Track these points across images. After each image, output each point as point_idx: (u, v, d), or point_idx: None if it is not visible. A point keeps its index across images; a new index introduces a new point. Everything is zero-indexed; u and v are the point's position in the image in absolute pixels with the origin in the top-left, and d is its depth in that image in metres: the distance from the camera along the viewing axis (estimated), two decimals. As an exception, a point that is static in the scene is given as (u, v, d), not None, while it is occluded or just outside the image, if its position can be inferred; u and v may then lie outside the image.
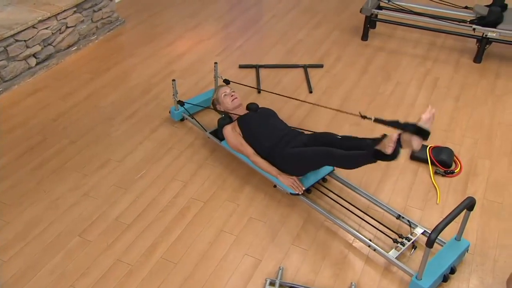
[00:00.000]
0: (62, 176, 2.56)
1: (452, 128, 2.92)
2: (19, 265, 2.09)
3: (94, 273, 2.05)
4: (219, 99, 2.69)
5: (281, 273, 2.06)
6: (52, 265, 2.09)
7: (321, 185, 2.45)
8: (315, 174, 2.45)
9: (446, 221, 1.88)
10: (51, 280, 2.03)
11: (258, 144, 2.44)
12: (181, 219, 2.32)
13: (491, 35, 3.40)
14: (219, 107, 2.71)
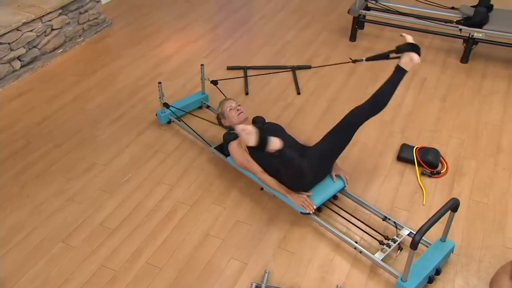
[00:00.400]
0: (46, 180, 2.52)
1: (439, 129, 2.92)
2: (1, 271, 2.05)
3: (77, 279, 2.02)
4: (224, 113, 2.57)
5: (267, 276, 2.04)
6: (35, 272, 2.05)
7: (332, 202, 2.40)
8: (326, 191, 2.34)
9: (430, 223, 1.88)
10: (33, 287, 1.99)
11: (265, 161, 2.33)
12: (167, 223, 2.30)
13: (477, 36, 3.41)
14: (224, 122, 2.59)
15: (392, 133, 2.89)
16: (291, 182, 2.26)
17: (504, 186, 2.51)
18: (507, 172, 2.60)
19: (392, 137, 2.85)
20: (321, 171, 2.33)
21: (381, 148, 2.77)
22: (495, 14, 3.50)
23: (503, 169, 2.61)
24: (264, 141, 1.91)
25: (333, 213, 2.32)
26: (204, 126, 2.92)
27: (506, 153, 2.73)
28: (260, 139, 1.90)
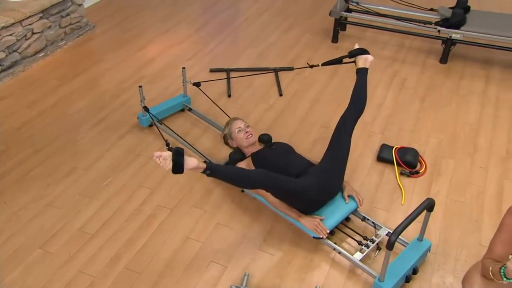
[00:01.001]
0: (25, 186, 2.47)
1: (418, 129, 2.93)
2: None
3: (54, 286, 1.98)
4: (232, 134, 2.45)
5: (247, 279, 2.02)
6: (10, 280, 2.00)
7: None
8: (338, 213, 2.22)
9: (405, 223, 1.87)
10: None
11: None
12: (147, 227, 2.26)
13: (455, 37, 3.43)
14: (232, 143, 2.49)
15: (372, 133, 2.89)
16: (296, 203, 2.17)
17: (481, 185, 2.52)
18: (484, 171, 2.61)
19: (372, 138, 2.85)
20: (328, 187, 2.21)
21: (362, 148, 2.77)
22: (472, 15, 3.53)
23: (480, 168, 2.63)
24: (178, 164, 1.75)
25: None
26: (186, 130, 2.89)
27: (482, 152, 2.75)
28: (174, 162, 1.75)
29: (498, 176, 2.58)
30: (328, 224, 2.18)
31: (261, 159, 2.32)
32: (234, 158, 2.45)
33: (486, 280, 1.60)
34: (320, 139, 2.82)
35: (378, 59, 3.72)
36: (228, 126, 2.48)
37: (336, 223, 2.22)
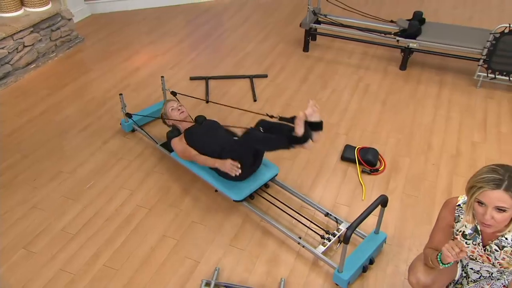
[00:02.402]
0: (12, 190, 2.38)
1: (379, 130, 2.90)
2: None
3: (36, 284, 1.91)
4: (167, 113, 2.56)
5: (217, 273, 1.97)
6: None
7: (263, 190, 2.36)
8: (258, 180, 2.31)
9: (360, 219, 1.84)
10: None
11: (200, 151, 2.31)
12: (125, 226, 2.19)
13: (412, 46, 3.41)
14: (168, 122, 2.58)
15: (338, 135, 2.86)
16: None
17: (433, 180, 2.50)
18: (436, 167, 2.60)
19: (337, 139, 2.81)
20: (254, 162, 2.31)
21: (327, 149, 2.73)
22: (427, 26, 3.51)
23: (432, 165, 2.61)
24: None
25: (279, 210, 2.26)
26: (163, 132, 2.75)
27: (435, 150, 2.73)
28: None
29: (448, 172, 2.56)
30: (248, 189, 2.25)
31: (191, 134, 2.38)
32: (171, 136, 2.48)
33: (427, 268, 1.58)
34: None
35: (345, 67, 3.70)
36: (164, 107, 2.55)
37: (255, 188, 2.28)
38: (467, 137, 2.85)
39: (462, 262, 1.65)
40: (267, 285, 1.93)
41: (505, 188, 1.28)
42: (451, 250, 1.36)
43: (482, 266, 1.57)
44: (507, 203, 1.29)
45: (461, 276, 1.66)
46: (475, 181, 1.35)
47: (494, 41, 3.08)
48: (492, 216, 1.32)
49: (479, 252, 1.51)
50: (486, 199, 1.32)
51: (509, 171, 1.31)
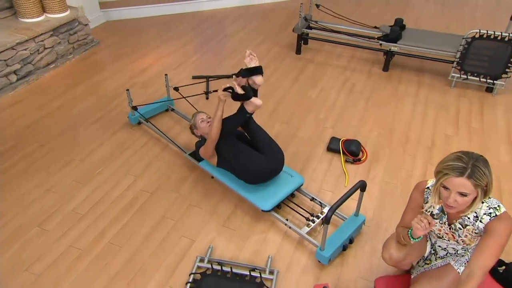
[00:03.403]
0: (29, 175, 2.36)
1: (362, 124, 2.86)
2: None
3: (47, 258, 1.89)
4: (196, 124, 2.36)
5: (210, 251, 1.95)
6: (9, 254, 1.91)
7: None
8: (284, 189, 2.13)
9: (340, 201, 1.80)
10: (6, 269, 1.84)
11: (226, 160, 2.17)
12: (129, 208, 2.17)
13: (394, 49, 3.35)
14: (196, 132, 2.38)
15: (325, 128, 2.81)
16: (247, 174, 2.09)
17: (409, 169, 2.46)
18: (412, 158, 2.55)
19: (324, 132, 2.77)
20: (274, 165, 2.14)
21: (315, 141, 2.69)
22: (407, 32, 3.46)
23: (409, 155, 2.56)
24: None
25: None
26: (168, 127, 2.79)
27: (412, 143, 2.68)
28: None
29: (424, 162, 2.52)
30: (275, 199, 2.09)
31: (218, 143, 2.22)
32: (199, 146, 2.36)
33: (399, 245, 1.56)
34: (281, 133, 2.74)
35: (333, 68, 3.64)
36: (193, 118, 2.40)
37: (283, 197, 2.12)
38: (441, 131, 2.80)
39: (431, 240, 1.62)
40: (256, 262, 1.91)
41: (468, 176, 1.26)
42: (420, 223, 1.34)
43: (449, 244, 1.54)
44: (468, 189, 1.27)
45: (430, 253, 1.63)
46: (442, 167, 1.31)
47: (466, 45, 3.03)
48: (455, 199, 1.30)
49: (445, 230, 1.48)
50: (450, 185, 1.29)
51: (473, 159, 1.28)
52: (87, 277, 1.82)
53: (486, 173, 1.27)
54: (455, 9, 4.73)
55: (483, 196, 1.31)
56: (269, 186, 2.16)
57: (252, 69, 2.05)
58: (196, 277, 1.82)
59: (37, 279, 1.81)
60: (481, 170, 1.26)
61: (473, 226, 1.41)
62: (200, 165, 2.32)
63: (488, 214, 1.37)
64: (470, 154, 1.30)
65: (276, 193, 2.13)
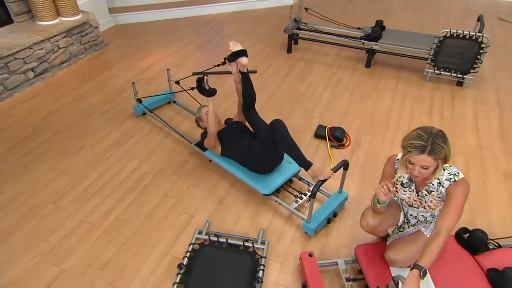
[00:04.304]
0: (45, 159, 2.38)
1: (347, 114, 2.87)
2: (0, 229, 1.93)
3: (62, 231, 1.91)
4: (201, 117, 2.33)
5: (208, 224, 1.97)
6: (27, 228, 1.93)
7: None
8: (283, 175, 2.12)
9: (324, 178, 1.84)
10: (24, 240, 1.87)
11: (232, 150, 2.18)
12: (134, 188, 2.19)
13: (375, 47, 3.36)
14: (202, 124, 2.36)
15: (313, 118, 2.82)
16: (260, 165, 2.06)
17: (388, 153, 2.47)
18: (391, 143, 2.57)
19: (312, 121, 2.78)
20: (276, 156, 2.13)
21: (304, 128, 2.70)
22: (386, 32, 3.47)
23: (389, 141, 2.58)
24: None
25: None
26: (170, 117, 2.79)
27: (391, 130, 2.70)
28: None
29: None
30: (276, 183, 2.09)
31: (224, 135, 2.26)
32: (205, 137, 2.35)
33: (375, 213, 1.58)
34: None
35: (321, 65, 3.64)
36: (198, 111, 2.38)
37: (281, 183, 2.12)
38: (417, 120, 2.81)
39: (404, 210, 1.64)
40: (249, 234, 1.93)
41: (428, 153, 1.30)
42: (381, 188, 1.39)
43: (419, 212, 1.56)
44: (429, 163, 1.32)
45: (403, 222, 1.65)
46: (406, 144, 1.35)
47: (438, 44, 3.04)
48: (419, 171, 1.35)
49: (414, 197, 1.50)
50: (414, 160, 1.34)
51: (432, 136, 1.31)
52: (97, 247, 1.85)
53: (444, 147, 1.31)
54: (430, 15, 4.73)
55: (443, 164, 1.36)
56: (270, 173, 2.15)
57: (237, 52, 2.12)
58: (195, 247, 1.84)
59: (53, 248, 1.84)
60: (439, 146, 1.29)
61: (437, 191, 1.44)
62: (205, 154, 2.32)
63: (448, 179, 1.41)
64: (429, 131, 1.33)
65: (276, 179, 2.11)
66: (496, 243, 1.78)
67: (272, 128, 1.93)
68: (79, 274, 1.74)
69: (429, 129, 1.32)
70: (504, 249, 1.71)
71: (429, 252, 1.25)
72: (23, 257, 1.80)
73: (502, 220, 2.02)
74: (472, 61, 3.01)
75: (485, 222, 2.00)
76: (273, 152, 2.06)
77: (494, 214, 2.05)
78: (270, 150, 2.03)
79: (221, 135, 2.27)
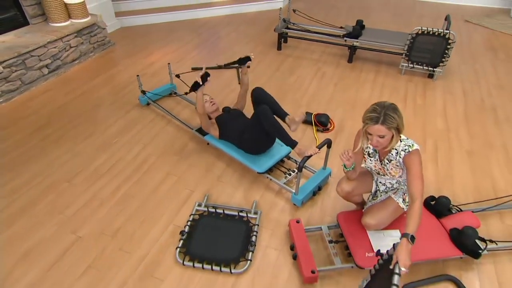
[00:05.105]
0: (59, 144, 2.41)
1: (331, 103, 2.92)
2: (22, 202, 1.98)
3: (76, 205, 1.97)
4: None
5: (207, 198, 2.02)
6: (45, 203, 1.98)
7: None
8: (275, 156, 2.16)
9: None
10: (43, 212, 1.92)
11: (229, 134, 2.23)
12: (139, 168, 2.23)
13: (356, 44, 3.41)
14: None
15: (300, 106, 2.87)
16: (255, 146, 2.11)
17: (367, 135, 2.55)
18: (369, 127, 2.64)
19: (300, 108, 2.83)
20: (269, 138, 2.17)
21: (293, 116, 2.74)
22: (366, 30, 3.53)
23: (367, 125, 2.65)
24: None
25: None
26: (172, 107, 2.84)
27: (370, 116, 2.77)
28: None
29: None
30: (269, 163, 2.14)
31: (221, 120, 2.31)
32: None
33: (348, 181, 1.66)
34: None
35: (308, 60, 3.68)
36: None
37: (274, 163, 2.17)
38: (393, 107, 2.88)
39: (374, 178, 1.71)
40: (244, 205, 1.99)
41: (381, 123, 1.38)
42: (343, 155, 1.49)
43: (386, 179, 1.63)
44: (384, 132, 1.39)
45: (375, 190, 1.72)
46: (364, 118, 1.44)
47: (411, 40, 3.10)
48: (377, 140, 1.42)
49: (378, 166, 1.57)
50: (371, 131, 1.41)
51: (384, 108, 1.39)
52: (108, 218, 1.90)
53: (395, 117, 1.38)
54: (404, 17, 4.78)
55: (397, 134, 1.43)
56: (264, 153, 2.20)
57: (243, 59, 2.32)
58: (195, 217, 1.89)
59: (69, 219, 1.89)
60: (391, 116, 1.36)
61: (395, 160, 1.52)
62: (205, 138, 2.35)
63: (404, 150, 1.49)
64: (382, 104, 1.40)
65: (269, 160, 2.16)
66: (458, 208, 1.87)
67: (257, 114, 1.99)
68: (92, 241, 1.79)
69: (382, 103, 1.40)
70: (464, 213, 1.80)
71: (411, 218, 1.31)
72: (44, 226, 1.85)
73: (464, 190, 2.11)
74: (441, 55, 3.08)
75: (450, 191, 2.08)
76: (264, 135, 2.11)
77: (457, 185, 2.14)
78: (261, 133, 2.09)
79: (219, 120, 2.32)
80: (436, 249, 1.63)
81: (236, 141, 2.19)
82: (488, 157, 2.35)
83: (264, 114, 1.95)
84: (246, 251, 1.72)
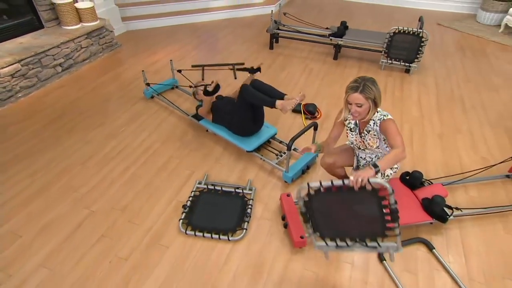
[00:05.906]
0: (73, 133, 2.45)
1: (318, 95, 2.97)
2: (40, 184, 2.01)
3: (89, 184, 2.01)
4: (197, 91, 2.46)
5: (206, 177, 2.07)
6: (61, 184, 2.02)
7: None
8: (262, 137, 2.22)
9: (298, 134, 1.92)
10: (59, 192, 1.96)
11: (221, 117, 2.30)
12: (145, 153, 2.27)
13: (340, 43, 3.46)
14: (198, 97, 2.48)
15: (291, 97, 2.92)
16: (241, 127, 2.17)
17: (350, 122, 2.60)
18: (352, 114, 2.69)
19: (290, 101, 2.89)
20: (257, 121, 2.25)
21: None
22: (349, 31, 3.58)
23: (350, 113, 2.70)
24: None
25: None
26: (174, 98, 2.87)
27: (352, 105, 2.81)
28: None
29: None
30: (257, 143, 2.20)
31: (214, 106, 2.36)
32: (198, 107, 2.47)
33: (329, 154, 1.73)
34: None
35: (297, 58, 3.72)
36: (195, 88, 2.48)
37: (261, 142, 2.23)
38: (374, 97, 2.93)
39: (356, 153, 1.75)
40: (239, 183, 2.04)
41: (360, 91, 1.43)
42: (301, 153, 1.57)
43: (366, 153, 1.68)
44: (361, 101, 1.44)
45: (357, 164, 1.77)
46: (346, 88, 1.49)
47: (390, 39, 3.17)
48: (356, 109, 1.46)
49: (358, 140, 1.62)
50: (350, 99, 1.46)
51: (364, 80, 1.44)
52: (118, 195, 1.95)
53: (373, 88, 1.42)
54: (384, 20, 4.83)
55: (374, 106, 1.46)
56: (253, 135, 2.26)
57: (255, 69, 2.41)
58: (196, 194, 1.94)
59: (83, 197, 1.93)
60: (369, 86, 1.41)
61: (373, 130, 1.56)
62: (200, 122, 2.42)
63: (380, 119, 1.53)
64: (363, 77, 1.46)
65: (256, 140, 2.24)
66: (429, 182, 1.93)
67: (241, 91, 2.11)
68: (104, 215, 1.84)
69: (363, 76, 1.47)
70: (434, 185, 1.87)
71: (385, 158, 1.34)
72: (60, 203, 1.89)
73: (435, 166, 2.18)
74: (415, 52, 3.15)
75: (423, 168, 2.15)
76: (251, 116, 2.18)
77: (430, 163, 2.21)
78: (248, 114, 2.16)
79: (213, 106, 2.38)
80: (410, 216, 1.70)
81: (227, 123, 2.27)
82: (456, 139, 2.43)
83: (245, 89, 2.08)
84: (242, 221, 1.77)
